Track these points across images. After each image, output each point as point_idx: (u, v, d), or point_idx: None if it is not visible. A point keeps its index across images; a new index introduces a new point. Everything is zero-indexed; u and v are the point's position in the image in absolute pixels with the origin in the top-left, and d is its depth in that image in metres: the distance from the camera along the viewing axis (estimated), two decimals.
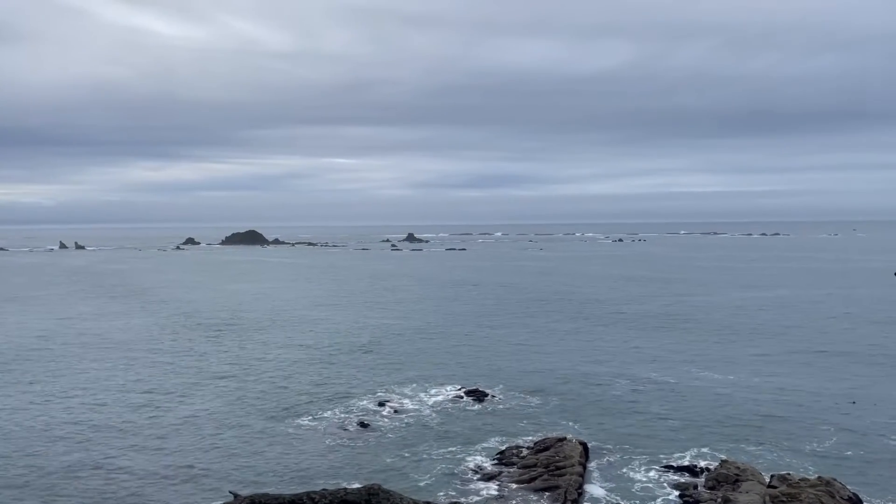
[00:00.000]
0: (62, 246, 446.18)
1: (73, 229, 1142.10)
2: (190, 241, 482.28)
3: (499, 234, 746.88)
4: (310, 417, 59.86)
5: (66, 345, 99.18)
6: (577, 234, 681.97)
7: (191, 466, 47.87)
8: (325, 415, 60.62)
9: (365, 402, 64.82)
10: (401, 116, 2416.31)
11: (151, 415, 61.64)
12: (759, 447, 51.38)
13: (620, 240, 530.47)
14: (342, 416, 60.18)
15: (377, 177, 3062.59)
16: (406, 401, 65.22)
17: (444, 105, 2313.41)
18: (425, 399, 65.98)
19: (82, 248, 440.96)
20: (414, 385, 71.56)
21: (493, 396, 66.39)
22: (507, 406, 63.52)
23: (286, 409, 62.82)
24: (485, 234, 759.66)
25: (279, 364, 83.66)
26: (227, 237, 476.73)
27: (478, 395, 66.39)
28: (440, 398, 66.05)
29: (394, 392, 68.65)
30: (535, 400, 65.35)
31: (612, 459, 49.10)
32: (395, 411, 61.61)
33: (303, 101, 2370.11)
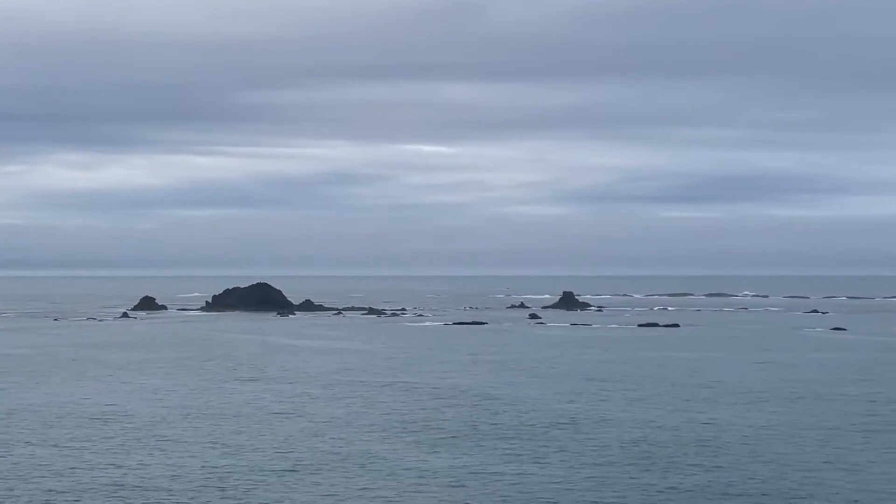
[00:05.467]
0: None
1: None
2: (147, 301, 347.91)
3: (747, 293, 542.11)
4: None
5: None
6: None
7: None
8: None
9: None
10: (543, 63, 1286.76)
11: None
12: None
13: None
14: None
15: (500, 180, 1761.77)
16: None
17: (628, 40, 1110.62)
18: None
19: None
20: None
21: None
22: None
23: None
24: (717, 294, 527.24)
25: None
26: (215, 296, 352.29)
27: None
28: None
29: None
30: None
31: None
32: None
33: (361, 38, 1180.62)
